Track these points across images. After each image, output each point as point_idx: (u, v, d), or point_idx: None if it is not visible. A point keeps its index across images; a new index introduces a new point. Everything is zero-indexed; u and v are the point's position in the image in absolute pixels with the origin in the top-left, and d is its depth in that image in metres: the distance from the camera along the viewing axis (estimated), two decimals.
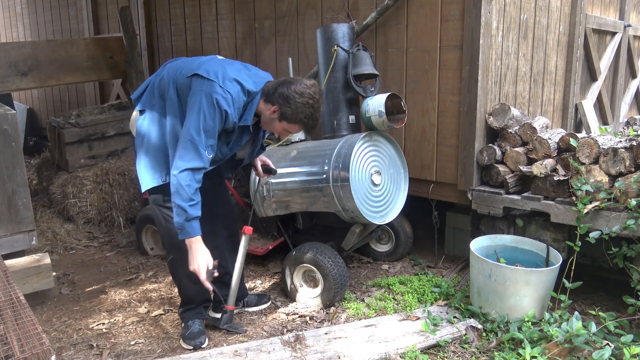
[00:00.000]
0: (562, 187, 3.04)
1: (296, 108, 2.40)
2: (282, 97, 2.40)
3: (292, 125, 2.47)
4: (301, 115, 2.42)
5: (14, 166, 3.18)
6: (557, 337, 2.42)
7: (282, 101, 2.41)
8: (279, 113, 2.44)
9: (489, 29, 3.30)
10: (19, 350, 1.67)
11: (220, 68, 2.41)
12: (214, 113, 2.31)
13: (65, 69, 4.94)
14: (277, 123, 2.49)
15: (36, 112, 8.21)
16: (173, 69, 2.53)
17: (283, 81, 2.46)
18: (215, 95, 2.31)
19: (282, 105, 2.41)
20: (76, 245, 4.31)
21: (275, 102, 2.43)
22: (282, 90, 2.41)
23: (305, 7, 4.09)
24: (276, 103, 2.43)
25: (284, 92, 2.40)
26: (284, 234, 3.54)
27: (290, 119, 2.44)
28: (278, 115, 2.45)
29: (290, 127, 2.49)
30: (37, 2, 7.64)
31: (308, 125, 2.47)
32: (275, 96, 2.42)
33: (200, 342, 2.70)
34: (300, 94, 2.38)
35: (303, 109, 2.40)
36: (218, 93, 2.32)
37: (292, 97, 2.39)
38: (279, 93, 2.41)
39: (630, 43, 5.80)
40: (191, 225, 2.35)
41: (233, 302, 2.85)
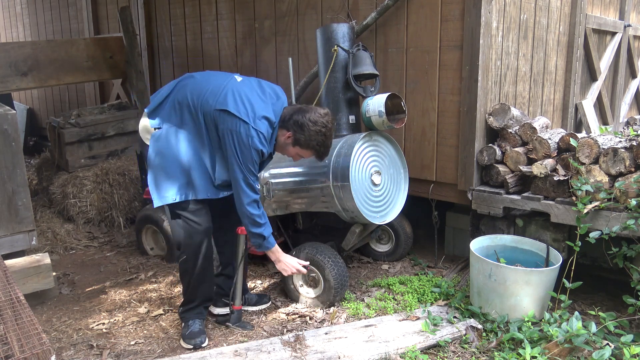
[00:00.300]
0: (562, 187, 3.04)
1: (309, 135, 2.57)
2: (297, 125, 2.57)
3: (304, 150, 2.65)
4: (314, 142, 2.59)
5: (14, 166, 3.18)
6: (557, 337, 2.42)
7: (297, 128, 2.57)
8: (293, 139, 2.61)
9: (489, 29, 3.30)
10: (19, 350, 1.67)
11: (248, 103, 2.53)
12: (252, 152, 2.51)
13: (65, 69, 4.95)
14: (290, 148, 2.67)
15: (36, 112, 8.21)
16: (196, 93, 2.61)
17: (298, 109, 2.62)
18: (251, 138, 2.49)
19: (297, 131, 2.58)
20: (76, 245, 4.31)
21: (290, 129, 2.60)
22: (297, 117, 2.58)
23: (305, 7, 4.09)
24: (291, 129, 2.59)
25: (298, 120, 2.57)
26: (284, 234, 3.54)
27: (303, 144, 2.61)
28: (292, 140, 2.62)
29: (303, 152, 2.66)
30: (37, 2, 7.64)
31: (320, 152, 2.65)
32: (290, 123, 2.59)
33: (200, 341, 2.71)
34: (314, 122, 2.56)
35: (316, 136, 2.57)
36: (253, 136, 2.49)
37: (307, 125, 2.55)
38: (294, 120, 2.58)
39: (630, 43, 5.81)
40: (268, 241, 2.69)
41: (239, 301, 2.88)
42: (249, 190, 2.56)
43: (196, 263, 2.71)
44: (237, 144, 2.49)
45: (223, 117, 2.50)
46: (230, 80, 2.62)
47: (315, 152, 2.64)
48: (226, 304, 2.95)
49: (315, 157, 2.69)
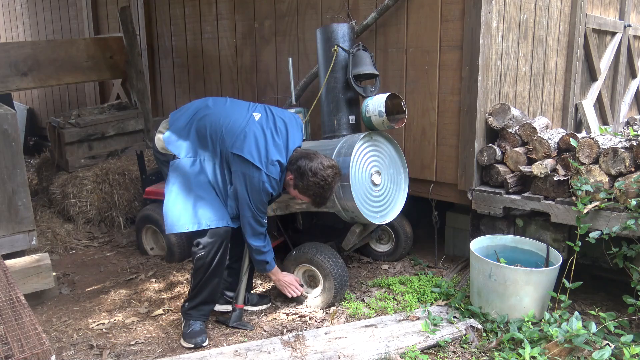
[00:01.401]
0: (562, 187, 3.04)
1: (307, 184, 2.67)
2: (298, 171, 2.68)
3: (302, 196, 2.76)
4: (310, 192, 2.70)
5: (14, 166, 3.18)
6: (557, 337, 2.42)
7: (297, 174, 2.69)
8: (293, 182, 2.72)
9: (489, 29, 3.30)
10: (19, 351, 1.67)
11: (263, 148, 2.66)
12: (262, 195, 2.66)
13: (65, 69, 4.95)
14: (292, 189, 2.77)
15: (36, 112, 8.21)
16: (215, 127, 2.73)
17: (306, 155, 2.72)
18: (262, 183, 2.63)
19: (297, 177, 2.69)
20: (76, 245, 4.31)
21: (293, 172, 2.71)
22: (301, 164, 2.68)
23: (305, 7, 4.09)
24: (293, 173, 2.71)
25: (301, 167, 2.68)
26: (284, 234, 3.54)
27: (301, 190, 2.72)
28: (292, 183, 2.73)
29: (301, 197, 2.77)
30: (37, 2, 7.64)
31: (315, 201, 2.75)
32: (294, 167, 2.70)
33: (201, 340, 2.71)
34: (314, 173, 2.65)
35: (313, 187, 2.67)
36: (265, 181, 2.63)
37: (306, 174, 2.66)
38: (296, 166, 2.69)
39: (630, 43, 5.81)
40: (270, 264, 2.88)
41: (242, 300, 2.90)
42: (257, 226, 2.72)
43: (214, 259, 2.71)
44: (249, 186, 2.63)
45: (238, 161, 2.64)
46: (249, 121, 2.73)
47: (312, 201, 2.76)
48: (227, 301, 2.97)
49: (312, 204, 2.81)
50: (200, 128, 2.74)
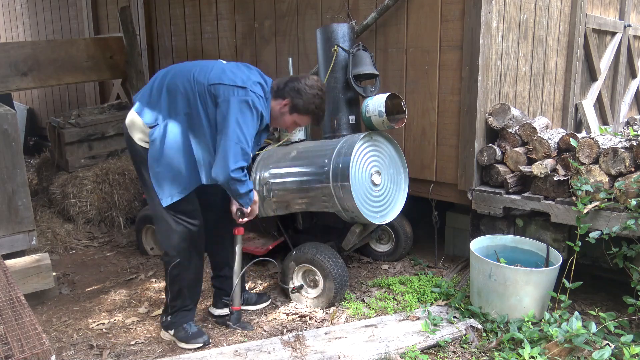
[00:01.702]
0: (562, 187, 3.04)
1: (308, 99, 2.61)
2: (294, 90, 2.61)
3: (302, 116, 2.66)
4: (312, 106, 2.62)
5: (14, 166, 3.18)
6: (557, 337, 2.42)
7: (294, 94, 2.61)
8: (290, 106, 2.63)
9: (489, 29, 3.30)
10: (19, 350, 1.67)
11: (239, 73, 2.56)
12: (252, 116, 2.48)
13: (65, 69, 4.94)
14: (287, 116, 2.67)
15: (36, 112, 8.21)
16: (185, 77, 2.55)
17: (291, 77, 2.67)
18: (250, 99, 2.48)
19: (294, 97, 2.61)
20: (76, 245, 4.31)
21: (287, 96, 2.62)
22: (293, 84, 2.62)
23: (305, 7, 4.09)
24: (287, 96, 2.62)
25: (295, 86, 2.61)
26: (284, 234, 3.54)
27: (301, 110, 2.63)
28: (289, 108, 2.64)
29: (301, 118, 2.68)
30: (37, 2, 7.64)
31: (318, 116, 2.68)
32: (287, 90, 2.62)
33: (206, 339, 2.72)
34: (310, 86, 2.61)
35: (313, 99, 2.61)
36: (252, 97, 2.49)
37: (304, 90, 2.60)
38: (290, 87, 2.62)
39: (630, 43, 5.80)
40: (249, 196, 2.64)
41: (238, 302, 2.88)
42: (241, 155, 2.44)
43: (190, 266, 2.68)
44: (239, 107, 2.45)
45: (220, 90, 2.48)
46: (218, 61, 2.68)
47: (314, 116, 2.67)
48: (226, 305, 2.95)
49: (313, 121, 2.71)
50: (170, 85, 2.56)
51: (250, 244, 3.57)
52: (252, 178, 3.39)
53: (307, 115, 2.66)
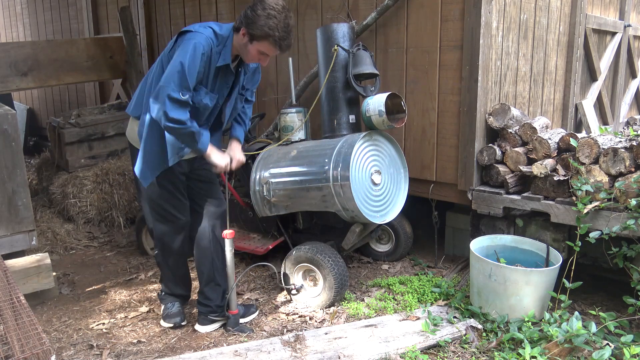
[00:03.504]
0: (562, 187, 3.04)
1: (261, 22, 2.39)
2: (246, 17, 2.42)
3: (262, 43, 2.44)
4: (265, 28, 2.39)
5: (14, 166, 3.18)
6: (557, 337, 2.42)
7: (247, 20, 2.42)
8: (247, 35, 2.44)
9: (489, 29, 3.30)
10: (19, 350, 1.67)
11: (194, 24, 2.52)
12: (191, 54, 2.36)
13: (65, 69, 4.94)
14: (250, 47, 2.48)
15: (36, 112, 8.21)
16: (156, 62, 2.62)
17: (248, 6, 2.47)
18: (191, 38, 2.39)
19: (248, 24, 2.42)
20: (76, 245, 4.31)
21: (242, 24, 2.44)
22: (246, 11, 2.43)
23: (305, 7, 4.09)
24: (243, 24, 2.44)
25: (247, 12, 2.43)
26: (284, 234, 3.54)
27: (257, 36, 2.42)
28: (247, 37, 2.45)
29: (262, 46, 2.46)
30: (37, 2, 7.64)
31: (276, 38, 2.41)
32: (242, 19, 2.45)
33: (177, 320, 2.91)
34: (262, 8, 2.39)
35: (266, 20, 2.38)
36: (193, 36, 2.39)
37: (255, 12, 2.40)
38: (243, 15, 2.44)
39: (630, 43, 5.80)
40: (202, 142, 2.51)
41: (234, 306, 2.86)
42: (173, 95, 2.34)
43: (167, 258, 2.90)
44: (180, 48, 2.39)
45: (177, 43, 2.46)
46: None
47: (272, 40, 2.41)
48: (213, 321, 2.87)
49: (274, 47, 2.45)
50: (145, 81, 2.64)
51: (250, 244, 3.57)
52: (252, 177, 3.39)
53: (267, 40, 2.41)
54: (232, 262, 2.79)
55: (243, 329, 2.86)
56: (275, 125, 4.08)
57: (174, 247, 2.86)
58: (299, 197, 3.21)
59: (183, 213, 2.79)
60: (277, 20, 2.39)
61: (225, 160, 2.64)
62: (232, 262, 2.79)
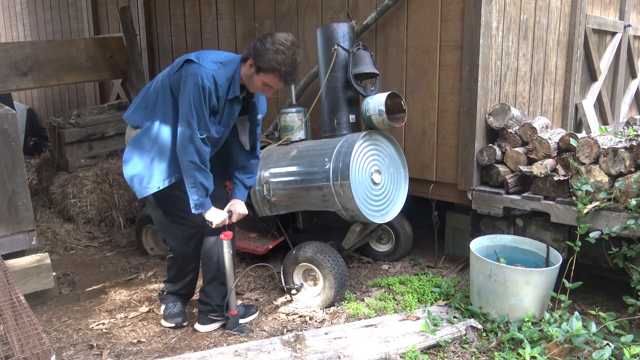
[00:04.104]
0: (562, 187, 3.04)
1: (269, 56, 2.46)
2: (255, 49, 2.49)
3: (267, 75, 2.51)
4: (273, 62, 2.45)
5: (14, 166, 3.18)
6: (557, 337, 2.42)
7: (255, 52, 2.49)
8: (254, 66, 2.51)
9: (489, 29, 3.30)
10: (19, 350, 1.67)
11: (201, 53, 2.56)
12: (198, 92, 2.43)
13: (65, 69, 4.94)
14: (255, 78, 2.54)
15: (36, 112, 8.21)
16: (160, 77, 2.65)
17: (258, 38, 2.54)
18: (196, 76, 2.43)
19: (255, 56, 2.49)
20: (76, 245, 4.31)
21: (250, 55, 2.51)
22: (255, 43, 2.50)
23: (305, 7, 4.09)
24: (250, 55, 2.51)
25: (256, 45, 2.49)
26: (284, 233, 3.54)
27: (265, 68, 2.49)
28: (254, 68, 2.52)
29: (267, 78, 2.52)
30: (37, 2, 7.64)
31: (282, 72, 2.48)
32: (250, 50, 2.52)
33: (179, 321, 2.91)
34: (271, 42, 2.47)
35: (274, 55, 2.45)
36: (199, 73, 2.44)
37: (264, 46, 2.47)
38: (252, 46, 2.51)
39: (630, 43, 5.80)
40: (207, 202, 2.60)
41: (234, 307, 2.86)
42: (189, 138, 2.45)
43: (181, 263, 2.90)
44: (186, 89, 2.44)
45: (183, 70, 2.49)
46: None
47: (278, 74, 2.48)
48: (213, 320, 2.88)
49: (279, 80, 2.52)
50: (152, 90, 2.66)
51: (250, 244, 3.57)
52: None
53: (272, 73, 2.49)
54: (230, 263, 2.79)
55: (243, 329, 2.86)
56: (275, 125, 4.08)
57: (188, 253, 2.85)
58: (299, 197, 3.21)
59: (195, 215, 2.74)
60: (285, 56, 2.47)
61: (221, 217, 2.67)
62: (230, 263, 2.79)
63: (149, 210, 2.84)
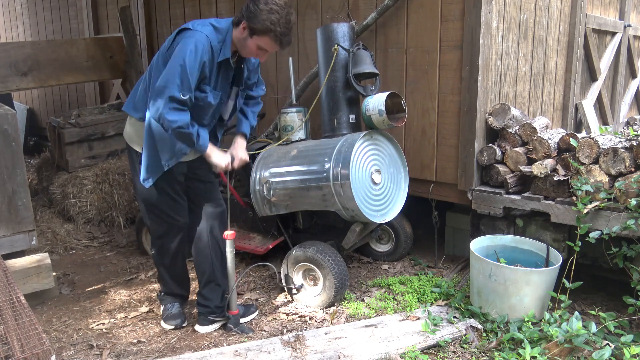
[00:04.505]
0: (562, 187, 3.04)
1: (262, 16, 2.38)
2: (248, 11, 2.41)
3: (262, 37, 2.44)
4: (267, 23, 2.38)
5: (14, 166, 3.18)
6: (557, 337, 2.42)
7: (248, 14, 2.41)
8: (248, 28, 2.43)
9: (489, 29, 3.30)
10: (19, 350, 1.67)
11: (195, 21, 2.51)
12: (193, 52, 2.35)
13: (65, 69, 4.94)
14: (249, 41, 2.47)
15: (36, 112, 8.21)
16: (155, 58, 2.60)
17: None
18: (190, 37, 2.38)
19: (249, 17, 2.41)
20: (76, 245, 4.31)
21: (244, 18, 2.44)
22: (248, 5, 2.43)
23: (305, 7, 4.09)
24: (244, 18, 2.43)
25: (249, 6, 2.42)
26: (284, 233, 3.54)
27: (258, 30, 2.41)
28: (248, 31, 2.44)
29: (261, 40, 2.45)
30: (37, 2, 7.64)
31: (277, 33, 2.41)
32: (243, 12, 2.44)
33: (178, 322, 2.91)
34: (264, 2, 2.39)
35: (268, 15, 2.38)
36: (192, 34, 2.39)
37: (257, 6, 2.39)
38: (244, 9, 2.44)
39: (630, 43, 5.80)
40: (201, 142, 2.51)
41: (235, 306, 2.86)
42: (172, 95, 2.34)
43: (164, 258, 2.89)
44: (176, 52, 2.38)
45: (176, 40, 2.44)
46: None
47: (273, 35, 2.40)
48: (213, 321, 2.87)
49: (274, 42, 2.44)
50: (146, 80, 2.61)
51: (250, 243, 3.57)
52: (252, 177, 3.39)
53: (267, 35, 2.41)
54: (232, 263, 2.79)
55: (243, 329, 2.86)
56: (275, 125, 4.08)
57: (171, 248, 2.85)
58: (299, 197, 3.21)
59: (181, 214, 2.77)
60: (279, 16, 2.39)
61: (225, 160, 2.64)
62: (232, 263, 2.79)
63: (140, 205, 2.82)
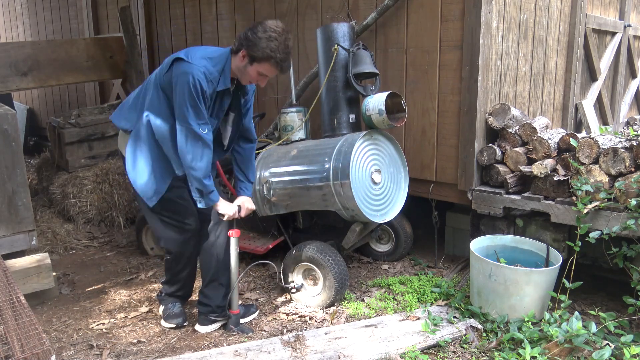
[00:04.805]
0: (562, 187, 3.04)
1: (262, 44, 2.44)
2: (247, 39, 2.47)
3: (262, 64, 2.50)
4: (267, 50, 2.44)
5: (14, 166, 3.18)
6: (557, 337, 2.42)
7: (247, 42, 2.47)
8: (248, 56, 2.49)
9: (489, 29, 3.30)
10: (19, 350, 1.67)
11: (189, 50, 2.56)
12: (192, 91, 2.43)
13: (65, 69, 4.94)
14: (249, 69, 2.53)
15: (36, 112, 8.21)
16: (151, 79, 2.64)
17: (247, 28, 2.53)
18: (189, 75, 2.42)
19: (249, 46, 2.47)
20: (76, 245, 4.30)
21: (243, 46, 2.49)
22: (247, 33, 2.49)
23: (305, 7, 4.09)
24: (243, 46, 2.49)
25: (247, 34, 2.48)
26: (284, 233, 3.54)
27: (258, 57, 2.47)
28: (248, 58, 2.50)
29: (262, 67, 2.51)
30: (37, 2, 7.64)
31: (277, 59, 2.47)
32: (242, 40, 2.50)
33: (179, 321, 2.91)
34: (263, 30, 2.45)
35: (267, 43, 2.44)
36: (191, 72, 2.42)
37: (255, 35, 2.45)
38: (244, 36, 2.49)
39: (630, 43, 5.80)
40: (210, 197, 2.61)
41: (236, 305, 2.86)
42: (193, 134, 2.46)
43: (179, 263, 2.87)
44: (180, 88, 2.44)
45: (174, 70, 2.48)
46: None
47: (274, 62, 2.47)
48: (213, 321, 2.88)
49: (275, 68, 2.52)
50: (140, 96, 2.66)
51: (250, 243, 3.57)
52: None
53: (267, 62, 2.48)
54: (236, 261, 2.80)
55: (243, 329, 2.86)
56: (275, 125, 4.09)
57: (186, 254, 2.83)
58: (299, 196, 3.21)
59: (192, 219, 2.75)
60: (278, 42, 2.45)
61: (233, 209, 2.72)
62: (236, 261, 2.80)
63: (144, 213, 2.84)
